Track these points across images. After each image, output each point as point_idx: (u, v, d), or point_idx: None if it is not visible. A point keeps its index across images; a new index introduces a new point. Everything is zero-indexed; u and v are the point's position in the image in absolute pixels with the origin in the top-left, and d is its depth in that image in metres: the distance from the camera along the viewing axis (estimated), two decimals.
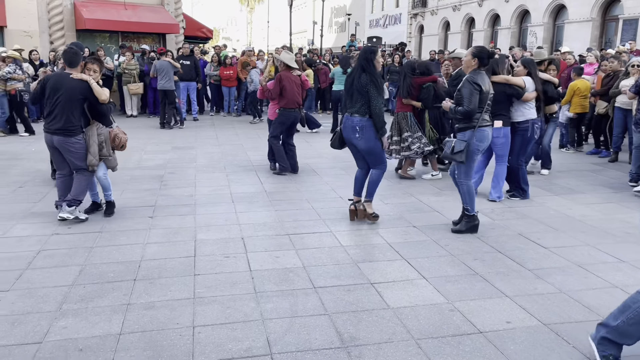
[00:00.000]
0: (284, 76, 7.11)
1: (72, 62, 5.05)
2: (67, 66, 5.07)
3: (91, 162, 5.09)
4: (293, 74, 7.19)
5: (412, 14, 34.84)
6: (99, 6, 14.55)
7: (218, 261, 4.27)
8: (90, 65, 5.10)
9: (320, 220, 5.37)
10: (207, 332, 3.17)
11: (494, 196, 6.11)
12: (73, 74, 4.96)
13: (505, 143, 5.94)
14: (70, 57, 5.08)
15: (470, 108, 4.70)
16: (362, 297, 3.64)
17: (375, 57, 5.01)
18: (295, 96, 7.14)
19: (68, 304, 3.48)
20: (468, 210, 4.98)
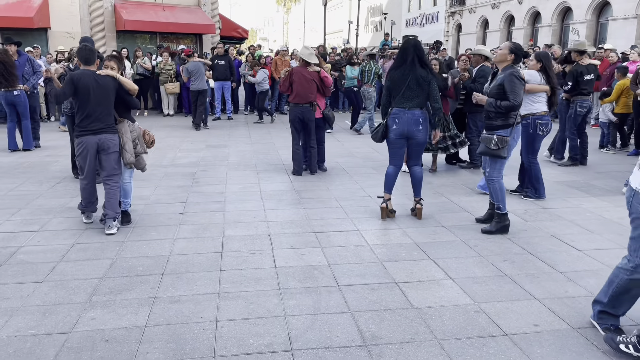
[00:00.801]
0: (295, 71, 7.08)
1: (89, 59, 4.88)
2: (83, 64, 4.89)
3: (129, 160, 4.95)
4: (309, 69, 7.07)
5: (449, 12, 34.33)
6: (138, 7, 14.92)
7: (244, 257, 4.31)
8: (107, 62, 4.98)
9: (348, 218, 5.35)
10: (229, 326, 3.20)
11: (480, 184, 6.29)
12: (99, 71, 4.85)
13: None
14: (87, 54, 4.89)
15: (518, 102, 4.69)
16: (386, 296, 3.60)
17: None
18: (304, 92, 6.99)
19: (97, 296, 3.58)
20: (500, 209, 4.88)
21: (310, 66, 7.05)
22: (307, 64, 7.05)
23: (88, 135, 4.78)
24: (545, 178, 7.04)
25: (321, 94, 7.21)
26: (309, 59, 7.04)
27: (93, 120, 4.77)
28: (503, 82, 4.73)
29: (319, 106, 7.21)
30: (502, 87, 4.73)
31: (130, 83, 5.00)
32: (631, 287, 2.97)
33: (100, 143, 4.80)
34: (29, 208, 5.62)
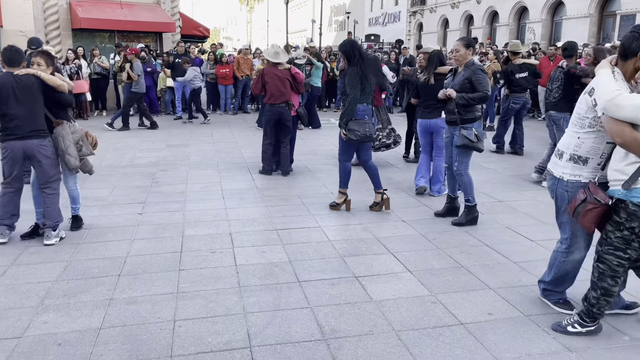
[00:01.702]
0: (267, 71, 6.97)
1: (12, 60, 4.46)
2: (7, 66, 4.46)
3: (74, 165, 4.60)
4: (279, 67, 7.01)
5: (411, 11, 34.78)
6: (94, 5, 14.55)
7: (204, 256, 4.26)
8: (34, 58, 4.48)
9: (310, 215, 5.36)
10: (187, 326, 3.16)
11: (434, 191, 6.14)
12: (16, 71, 4.37)
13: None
14: (9, 55, 4.46)
15: (489, 92, 4.88)
16: (345, 291, 3.63)
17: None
18: (279, 91, 6.91)
19: (50, 300, 3.48)
20: (469, 201, 5.00)
21: (280, 65, 7.00)
22: (275, 64, 7.00)
23: (12, 140, 4.34)
24: (502, 172, 7.23)
25: (294, 91, 7.15)
26: (275, 59, 6.95)
27: (17, 124, 4.30)
28: (470, 77, 4.82)
29: (294, 105, 7.16)
30: (468, 82, 4.83)
31: (54, 79, 4.44)
32: (569, 269, 3.28)
33: (26, 150, 4.36)
34: None
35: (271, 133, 7.13)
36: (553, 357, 2.82)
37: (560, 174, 3.08)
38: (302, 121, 7.48)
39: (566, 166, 3.04)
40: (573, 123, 3.04)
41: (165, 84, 13.72)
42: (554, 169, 3.14)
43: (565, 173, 3.05)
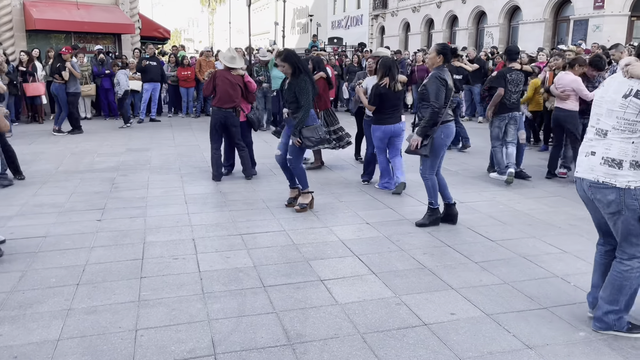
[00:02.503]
0: (219, 74, 6.89)
1: None
2: None
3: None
4: (233, 73, 6.89)
5: (373, 15, 35.15)
6: (49, 6, 14.12)
7: (166, 263, 4.19)
8: None
9: (275, 219, 5.34)
10: (149, 334, 3.10)
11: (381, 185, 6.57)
12: None
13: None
14: None
15: (438, 104, 4.80)
16: (311, 294, 3.63)
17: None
18: (228, 96, 6.80)
19: (5, 311, 3.35)
20: (432, 203, 5.08)
21: (235, 70, 6.94)
22: (230, 68, 6.93)
23: None
24: (461, 173, 7.39)
25: (245, 99, 7.09)
26: (231, 64, 6.86)
27: None
28: (426, 84, 4.87)
29: (243, 110, 7.09)
30: (424, 89, 4.87)
31: None
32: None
33: None
34: None
35: (217, 137, 6.99)
36: (513, 355, 2.90)
37: (626, 184, 2.87)
38: (254, 126, 7.30)
39: (629, 174, 2.86)
40: (619, 130, 2.85)
41: None
42: (614, 180, 2.89)
43: (631, 181, 2.86)
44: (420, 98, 4.99)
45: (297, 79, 5.40)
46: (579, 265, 4.16)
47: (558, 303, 3.49)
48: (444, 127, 4.92)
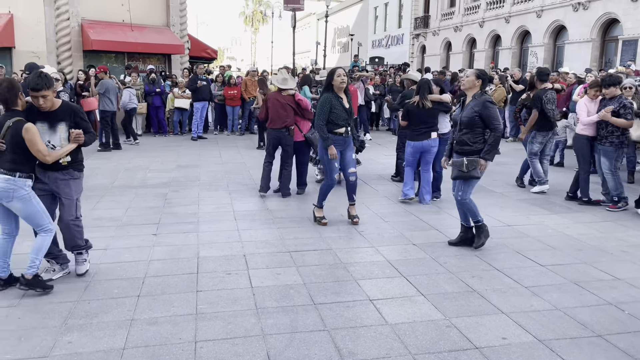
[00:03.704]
0: (270, 97, 7.31)
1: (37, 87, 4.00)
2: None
3: None
4: (283, 93, 7.16)
5: (414, 34, 35.27)
6: (105, 27, 14.83)
7: (220, 278, 4.35)
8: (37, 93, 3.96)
9: (321, 238, 5.45)
10: (208, 347, 3.24)
11: (427, 200, 6.89)
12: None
13: (435, 151, 6.82)
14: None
15: (501, 127, 4.97)
16: (360, 314, 3.71)
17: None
18: (279, 116, 7.09)
19: (73, 319, 3.57)
20: (478, 221, 5.10)
21: (285, 90, 7.17)
22: (281, 90, 7.17)
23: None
24: (507, 195, 7.34)
25: (300, 117, 7.28)
26: (283, 85, 7.15)
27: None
28: (480, 111, 4.86)
29: (300, 129, 7.28)
30: (477, 115, 4.86)
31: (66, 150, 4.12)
32: None
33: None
34: None
35: (272, 153, 7.37)
36: None
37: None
38: (312, 146, 7.43)
39: None
40: None
41: (173, 104, 13.93)
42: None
43: None
44: (462, 123, 5.00)
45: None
46: (633, 293, 4.09)
47: (612, 331, 3.46)
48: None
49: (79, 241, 4.31)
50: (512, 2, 25.17)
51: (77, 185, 4.29)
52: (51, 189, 4.17)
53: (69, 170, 4.18)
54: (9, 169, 3.81)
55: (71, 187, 4.21)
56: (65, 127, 4.08)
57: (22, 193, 3.85)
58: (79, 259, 4.35)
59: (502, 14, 25.80)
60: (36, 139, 3.84)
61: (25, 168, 3.88)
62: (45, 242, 4.00)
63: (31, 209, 3.92)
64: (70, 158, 4.16)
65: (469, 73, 5.12)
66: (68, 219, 4.23)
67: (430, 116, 6.65)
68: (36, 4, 14.15)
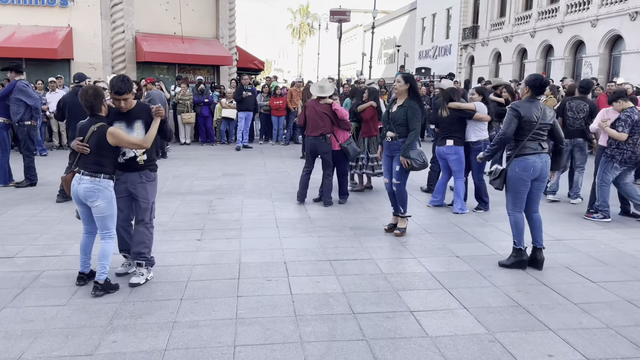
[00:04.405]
0: (308, 104, 7.40)
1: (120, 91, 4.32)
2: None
3: None
4: (321, 102, 7.20)
5: (462, 45, 34.79)
6: (158, 40, 15.39)
7: (260, 284, 4.38)
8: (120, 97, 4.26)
9: (362, 247, 5.41)
10: (247, 351, 3.26)
11: (456, 209, 6.88)
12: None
13: (457, 159, 6.88)
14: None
15: (502, 133, 4.77)
16: (400, 325, 3.65)
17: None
18: (315, 124, 7.15)
19: (118, 320, 3.67)
20: (515, 243, 4.85)
21: (323, 99, 7.22)
22: (319, 98, 7.23)
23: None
24: (556, 208, 7.09)
25: (337, 126, 7.30)
26: (319, 93, 7.21)
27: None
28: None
29: (337, 138, 7.29)
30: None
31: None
32: None
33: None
34: (50, 233, 5.77)
35: (310, 162, 7.44)
36: None
37: None
38: (348, 156, 7.36)
39: None
40: None
41: (220, 114, 14.25)
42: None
43: None
44: None
45: (410, 102, 5.72)
46: None
47: None
48: (519, 161, 4.71)
49: (145, 249, 4.40)
50: (565, 11, 24.45)
51: (153, 188, 4.47)
52: (129, 191, 4.36)
53: (145, 171, 4.37)
54: (93, 170, 4.06)
55: (147, 190, 4.40)
56: (142, 125, 4.30)
57: (107, 194, 4.09)
58: (138, 271, 4.38)
59: (555, 24, 25.09)
60: (123, 136, 4.11)
61: (108, 169, 4.12)
62: (110, 248, 4.17)
63: (110, 210, 4.13)
64: (146, 157, 4.38)
65: (523, 82, 5.03)
66: (142, 222, 4.42)
67: (448, 123, 6.86)
68: (94, 18, 14.87)
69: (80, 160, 4.13)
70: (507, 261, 4.88)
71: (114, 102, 4.23)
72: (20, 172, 8.43)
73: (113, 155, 4.15)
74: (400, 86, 5.77)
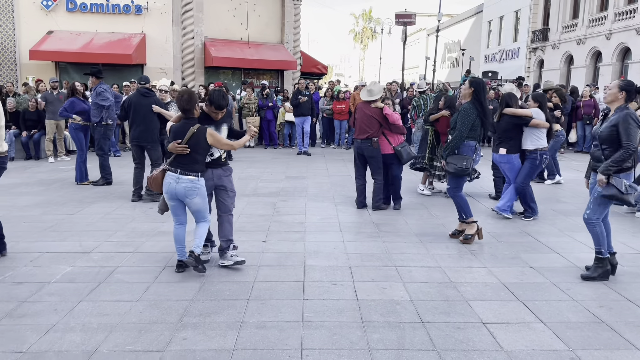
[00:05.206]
0: (358, 107, 7.33)
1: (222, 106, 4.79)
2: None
3: None
4: (372, 105, 7.07)
5: (531, 48, 33.52)
6: (225, 45, 15.80)
7: (326, 288, 4.34)
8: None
9: (429, 255, 5.26)
10: (314, 355, 3.22)
11: (500, 209, 6.69)
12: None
13: (511, 168, 6.65)
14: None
15: (633, 147, 4.31)
16: (473, 336, 3.49)
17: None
18: (362, 127, 7.06)
19: (188, 317, 3.73)
20: (601, 253, 4.56)
21: (374, 103, 7.09)
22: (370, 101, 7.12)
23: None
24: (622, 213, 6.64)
25: (389, 130, 7.15)
26: (368, 97, 7.10)
27: None
28: (617, 124, 4.37)
29: (389, 141, 7.16)
30: (615, 129, 4.38)
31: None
32: None
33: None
34: (124, 231, 5.99)
35: (359, 168, 7.32)
36: None
37: None
38: (401, 159, 7.20)
39: None
40: None
41: (284, 118, 14.41)
42: None
43: None
44: (600, 137, 4.55)
45: (466, 104, 5.59)
46: None
47: None
48: (628, 175, 4.43)
49: (230, 235, 4.86)
50: None
51: (232, 180, 4.97)
52: (215, 185, 4.76)
53: (227, 166, 4.91)
54: (191, 170, 4.44)
55: (232, 182, 4.93)
56: (226, 128, 4.80)
57: (202, 190, 4.50)
58: (227, 255, 4.80)
59: (633, 25, 23.67)
60: (219, 137, 4.54)
61: (202, 168, 4.52)
62: (205, 230, 4.67)
63: (205, 203, 4.58)
64: (226, 154, 4.88)
65: (612, 85, 4.62)
66: (228, 211, 4.86)
67: (503, 129, 6.68)
68: (166, 25, 15.47)
69: (175, 161, 4.45)
70: (592, 273, 4.59)
71: (212, 114, 4.64)
72: (96, 171, 8.85)
73: (205, 154, 4.54)
74: (464, 89, 5.74)
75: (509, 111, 6.67)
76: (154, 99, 7.59)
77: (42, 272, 4.58)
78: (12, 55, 15.00)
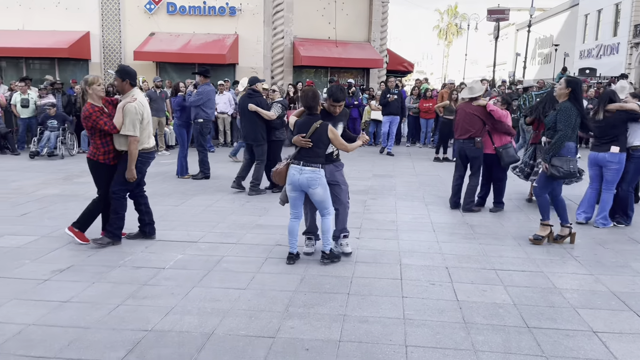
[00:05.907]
0: (459, 107, 7.25)
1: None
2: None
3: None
4: (474, 104, 6.92)
5: (632, 43, 31.19)
6: (313, 44, 16.08)
7: (424, 287, 4.36)
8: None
9: (529, 259, 5.12)
10: (419, 353, 3.26)
11: (598, 222, 6.28)
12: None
13: (619, 169, 6.18)
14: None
15: None
16: (584, 345, 3.38)
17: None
18: (463, 126, 6.92)
19: (293, 307, 3.90)
20: None
21: (476, 101, 6.95)
22: (471, 99, 7.00)
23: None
24: None
25: (492, 128, 6.99)
26: (468, 95, 7.03)
27: None
28: None
29: (492, 141, 6.98)
30: None
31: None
32: None
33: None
34: (225, 222, 6.32)
35: (460, 167, 7.23)
36: None
37: None
38: (501, 161, 6.98)
39: None
40: None
41: (369, 116, 14.44)
42: None
43: None
44: None
45: (565, 103, 5.39)
46: None
47: None
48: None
49: (346, 225, 5.19)
50: None
51: (344, 174, 5.28)
52: (329, 180, 4.96)
53: (339, 161, 5.21)
54: (314, 162, 4.73)
55: (343, 175, 5.25)
56: (342, 126, 5.07)
57: (323, 181, 4.77)
58: (344, 242, 5.14)
59: None
60: (338, 135, 4.86)
61: (322, 160, 4.81)
62: (330, 223, 4.88)
63: (327, 193, 4.83)
64: (337, 151, 5.14)
65: None
66: (345, 203, 5.17)
67: (611, 126, 6.13)
68: (257, 25, 16.00)
69: (298, 154, 4.77)
70: None
71: (330, 107, 4.96)
72: (195, 166, 9.37)
73: (325, 149, 4.83)
74: (560, 89, 5.51)
75: (615, 106, 6.21)
76: (256, 99, 7.92)
77: (157, 258, 4.95)
78: (118, 56, 16.15)
